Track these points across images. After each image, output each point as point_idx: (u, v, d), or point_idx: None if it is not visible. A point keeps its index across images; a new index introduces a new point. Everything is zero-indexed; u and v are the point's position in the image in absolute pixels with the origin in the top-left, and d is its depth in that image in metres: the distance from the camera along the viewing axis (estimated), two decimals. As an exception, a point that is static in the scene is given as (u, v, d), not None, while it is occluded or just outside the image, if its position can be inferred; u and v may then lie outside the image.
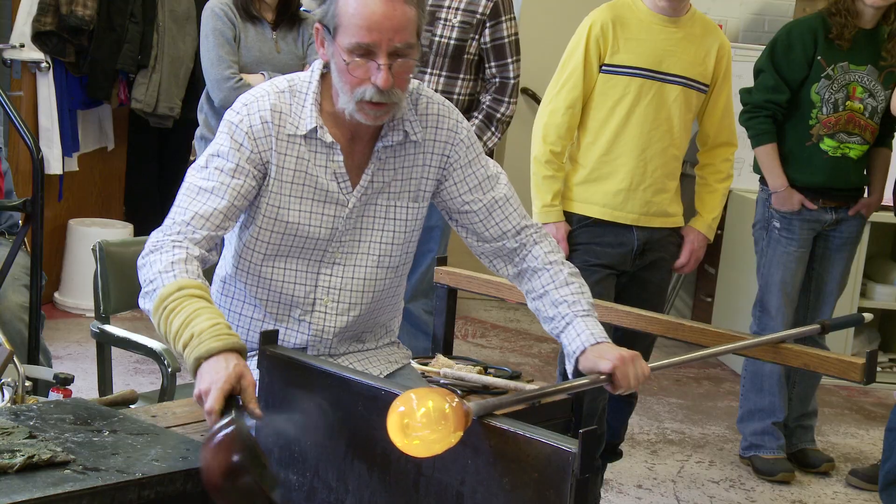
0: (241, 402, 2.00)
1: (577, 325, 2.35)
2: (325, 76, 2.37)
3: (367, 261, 2.43)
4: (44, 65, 5.39)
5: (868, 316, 3.07)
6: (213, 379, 1.99)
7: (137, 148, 6.37)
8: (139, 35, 5.56)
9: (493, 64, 4.28)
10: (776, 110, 4.27)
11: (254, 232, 2.37)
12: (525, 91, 6.75)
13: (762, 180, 4.40)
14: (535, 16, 6.75)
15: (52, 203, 5.61)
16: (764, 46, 4.47)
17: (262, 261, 2.39)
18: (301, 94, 2.35)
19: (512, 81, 4.30)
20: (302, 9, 4.34)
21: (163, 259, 2.16)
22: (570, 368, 2.36)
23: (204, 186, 2.28)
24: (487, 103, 4.29)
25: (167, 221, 2.26)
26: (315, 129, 2.33)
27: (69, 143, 5.59)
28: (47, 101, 5.43)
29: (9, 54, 5.36)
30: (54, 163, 5.45)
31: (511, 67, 4.30)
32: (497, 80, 4.29)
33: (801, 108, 4.27)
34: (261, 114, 2.32)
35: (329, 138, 2.34)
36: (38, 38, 5.30)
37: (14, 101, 5.04)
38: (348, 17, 2.22)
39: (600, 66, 3.61)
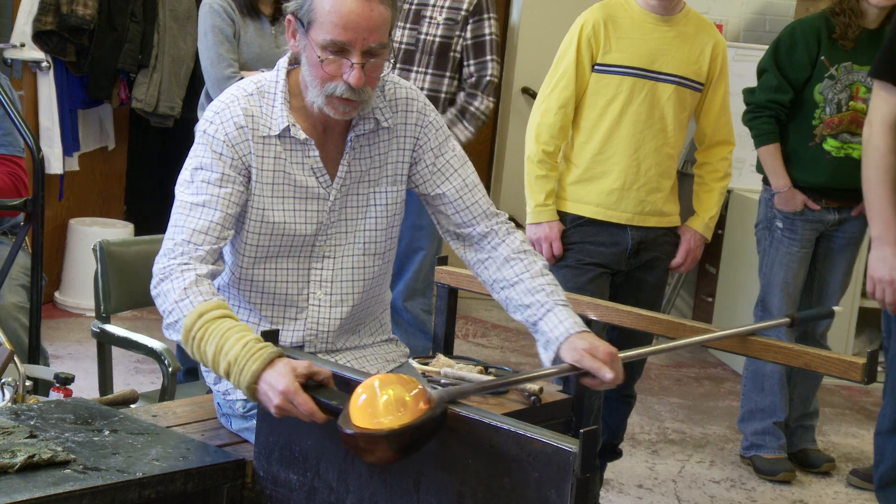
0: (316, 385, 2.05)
1: (558, 312, 2.34)
2: (290, 73, 2.38)
3: (354, 250, 2.44)
4: (44, 64, 5.39)
5: (838, 309, 3.07)
6: (282, 390, 2.00)
7: (138, 147, 6.37)
8: (140, 34, 5.56)
9: (471, 62, 4.24)
10: (779, 110, 4.26)
11: (242, 237, 2.37)
12: (525, 91, 6.75)
13: (765, 180, 4.39)
14: (534, 16, 6.75)
15: (53, 203, 5.61)
16: (765, 46, 4.46)
17: (252, 265, 2.39)
18: (270, 94, 2.36)
19: (488, 79, 4.25)
20: None
21: (175, 287, 2.18)
22: (548, 355, 2.33)
23: (195, 202, 2.28)
24: (462, 98, 4.26)
25: (167, 244, 2.25)
26: (288, 128, 2.34)
27: (70, 142, 5.58)
28: (48, 100, 5.43)
29: (9, 54, 5.36)
30: (55, 162, 5.44)
31: (489, 66, 4.25)
32: (474, 77, 4.26)
33: (804, 109, 4.26)
34: (234, 119, 2.32)
35: (302, 135, 2.35)
36: (39, 37, 5.30)
37: (15, 100, 5.02)
38: (324, 14, 2.22)
39: (592, 66, 3.60)
